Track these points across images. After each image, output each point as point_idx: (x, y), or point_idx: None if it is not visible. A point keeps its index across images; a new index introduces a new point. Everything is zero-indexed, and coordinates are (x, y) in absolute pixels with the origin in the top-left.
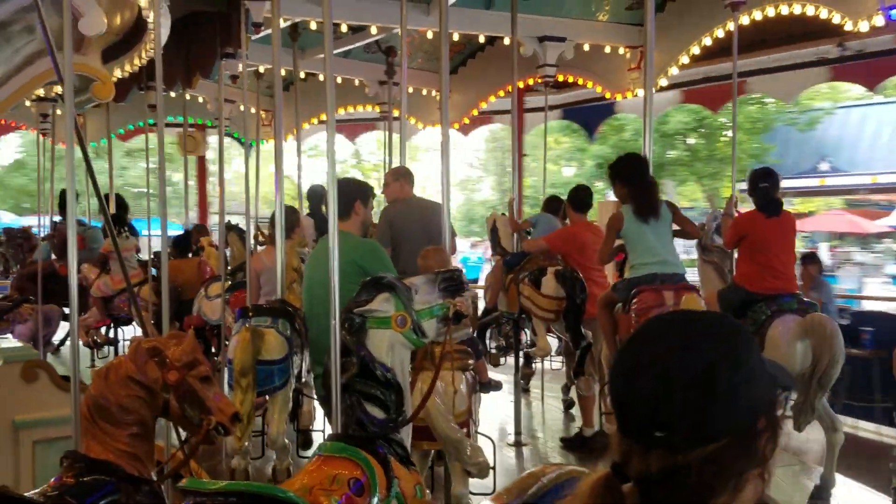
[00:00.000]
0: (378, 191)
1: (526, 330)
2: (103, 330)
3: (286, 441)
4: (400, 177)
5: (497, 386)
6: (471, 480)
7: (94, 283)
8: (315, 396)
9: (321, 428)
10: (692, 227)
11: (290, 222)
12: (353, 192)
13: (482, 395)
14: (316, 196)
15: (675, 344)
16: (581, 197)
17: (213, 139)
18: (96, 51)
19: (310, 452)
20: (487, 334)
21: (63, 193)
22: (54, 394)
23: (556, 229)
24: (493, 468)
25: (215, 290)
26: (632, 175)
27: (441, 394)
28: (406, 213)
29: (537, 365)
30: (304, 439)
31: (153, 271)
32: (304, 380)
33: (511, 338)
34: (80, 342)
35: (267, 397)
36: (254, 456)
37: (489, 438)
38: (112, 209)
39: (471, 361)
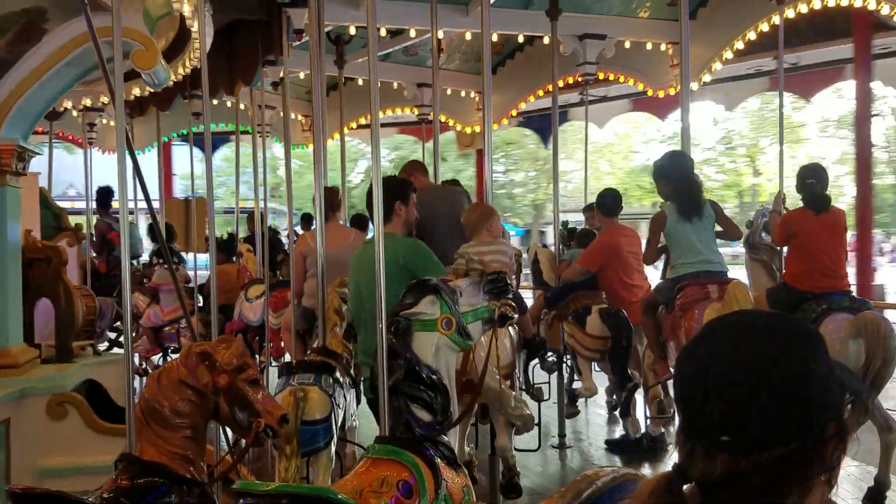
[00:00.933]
0: None
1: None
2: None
3: None
4: (412, 171)
5: (541, 344)
6: (515, 438)
7: (145, 313)
8: (359, 444)
9: None
10: (734, 228)
11: (332, 202)
12: (390, 194)
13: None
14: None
15: (743, 347)
16: (609, 201)
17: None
18: (137, 11)
19: None
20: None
21: (101, 190)
22: (86, 435)
23: None
24: (539, 424)
25: (255, 293)
26: (676, 173)
27: (485, 346)
28: (426, 201)
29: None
30: None
31: (200, 300)
32: (347, 427)
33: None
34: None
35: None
36: None
37: (535, 398)
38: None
39: (515, 315)
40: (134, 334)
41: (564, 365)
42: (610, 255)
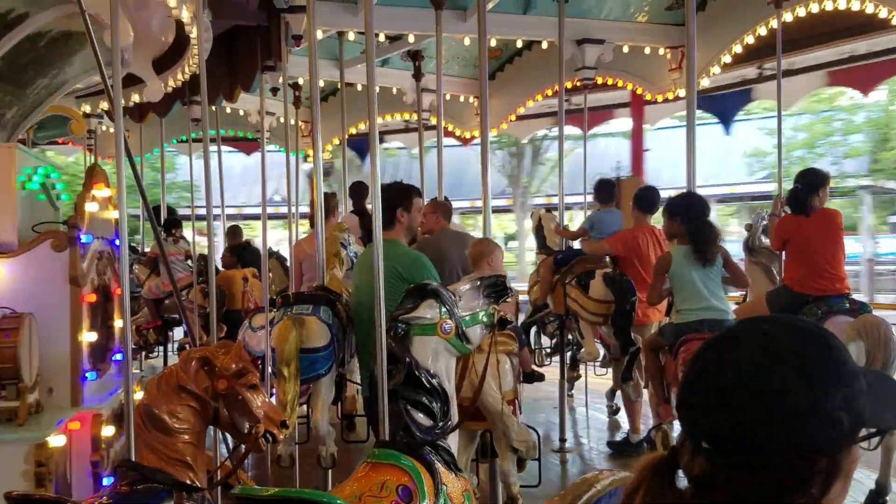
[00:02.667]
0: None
1: (571, 333)
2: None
3: (330, 427)
4: (437, 209)
5: (540, 377)
6: (517, 475)
7: (146, 285)
8: (358, 382)
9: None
10: (742, 276)
11: (330, 207)
12: (393, 200)
13: (525, 388)
14: (358, 192)
15: (741, 359)
16: (650, 198)
17: None
18: (147, 60)
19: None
20: (532, 332)
21: None
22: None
23: (617, 227)
24: (538, 459)
25: (259, 322)
26: (694, 216)
27: (489, 373)
28: (439, 245)
29: (582, 369)
30: (349, 424)
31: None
32: (347, 365)
33: (556, 337)
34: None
35: (311, 385)
36: (299, 441)
37: (535, 430)
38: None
39: (515, 347)
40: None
41: (565, 334)
42: (631, 250)
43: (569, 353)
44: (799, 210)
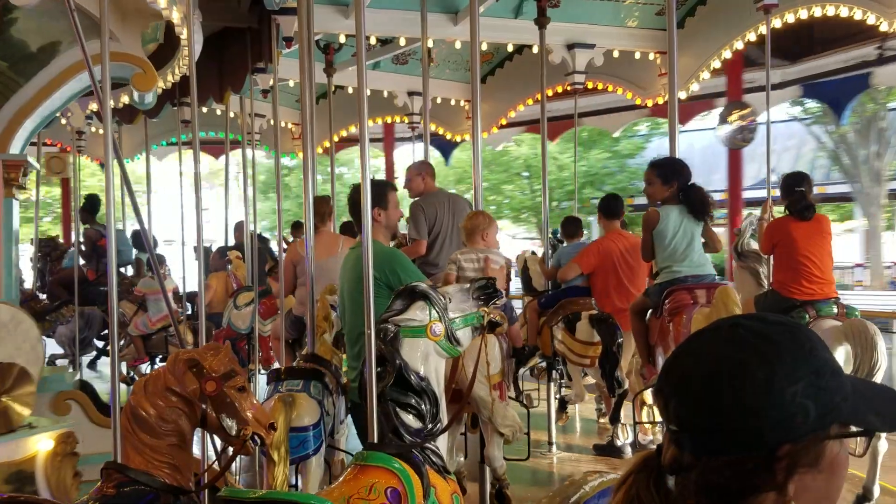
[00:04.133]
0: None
1: (558, 371)
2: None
3: None
4: (421, 170)
5: (531, 352)
6: (505, 448)
7: (132, 322)
8: (347, 451)
9: None
10: (717, 240)
11: (322, 212)
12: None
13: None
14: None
15: (710, 346)
16: (612, 204)
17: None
18: (135, 36)
19: None
20: (521, 375)
21: (88, 198)
22: (90, 429)
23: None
24: (528, 433)
25: (244, 300)
26: (685, 175)
27: (473, 355)
28: (435, 207)
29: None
30: None
31: (189, 308)
32: (336, 435)
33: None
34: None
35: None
36: None
37: (525, 406)
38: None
39: (505, 325)
40: (122, 342)
41: (554, 372)
42: (604, 260)
43: (557, 397)
44: (804, 214)
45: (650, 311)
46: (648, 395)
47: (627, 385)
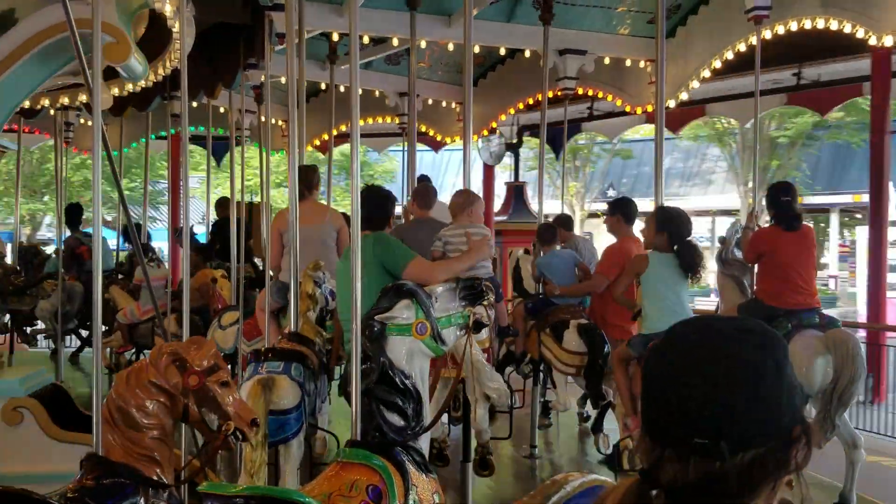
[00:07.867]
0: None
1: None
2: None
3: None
4: (414, 197)
5: (515, 332)
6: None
7: (122, 309)
8: (328, 431)
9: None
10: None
11: (310, 181)
12: (391, 206)
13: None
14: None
15: (719, 348)
16: (632, 209)
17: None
18: (109, 1)
19: None
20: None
21: (70, 208)
22: (43, 442)
23: (572, 259)
24: (510, 412)
25: (229, 320)
26: (686, 230)
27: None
28: (413, 233)
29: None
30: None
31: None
32: (318, 413)
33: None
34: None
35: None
36: None
37: (508, 384)
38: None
39: (492, 297)
40: (107, 328)
41: (540, 374)
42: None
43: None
44: (791, 223)
45: (633, 360)
46: (630, 441)
47: (612, 397)
